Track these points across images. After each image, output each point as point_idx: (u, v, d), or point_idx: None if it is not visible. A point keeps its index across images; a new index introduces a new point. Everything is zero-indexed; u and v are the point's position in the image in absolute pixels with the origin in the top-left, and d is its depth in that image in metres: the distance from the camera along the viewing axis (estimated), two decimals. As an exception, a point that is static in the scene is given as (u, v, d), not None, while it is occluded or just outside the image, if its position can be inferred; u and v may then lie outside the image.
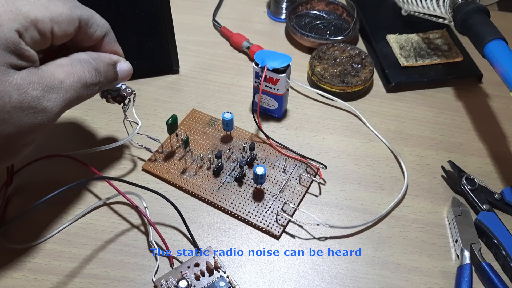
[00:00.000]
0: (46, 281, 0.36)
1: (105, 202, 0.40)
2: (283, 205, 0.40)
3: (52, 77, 0.31)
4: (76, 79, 0.32)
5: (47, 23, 0.30)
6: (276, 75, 0.43)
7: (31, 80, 0.29)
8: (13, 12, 0.28)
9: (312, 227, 0.40)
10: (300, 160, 0.43)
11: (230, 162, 0.43)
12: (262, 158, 0.44)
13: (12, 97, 0.28)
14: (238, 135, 0.46)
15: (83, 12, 0.32)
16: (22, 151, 0.32)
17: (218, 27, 0.58)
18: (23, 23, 0.29)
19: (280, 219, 0.39)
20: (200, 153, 0.44)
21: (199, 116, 0.47)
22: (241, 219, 0.40)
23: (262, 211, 0.40)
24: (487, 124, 0.49)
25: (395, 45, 0.54)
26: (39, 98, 0.30)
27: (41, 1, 0.30)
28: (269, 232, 0.39)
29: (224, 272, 0.36)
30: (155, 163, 0.43)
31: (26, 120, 0.30)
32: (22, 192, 0.41)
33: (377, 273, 0.37)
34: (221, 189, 0.41)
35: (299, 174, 0.42)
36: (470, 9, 0.44)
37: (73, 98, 0.32)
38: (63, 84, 0.31)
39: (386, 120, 0.49)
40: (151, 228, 0.38)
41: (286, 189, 0.42)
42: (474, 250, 0.37)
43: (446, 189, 0.43)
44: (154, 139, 0.43)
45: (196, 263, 0.36)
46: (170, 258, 0.37)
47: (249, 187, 0.42)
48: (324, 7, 0.60)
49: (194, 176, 0.42)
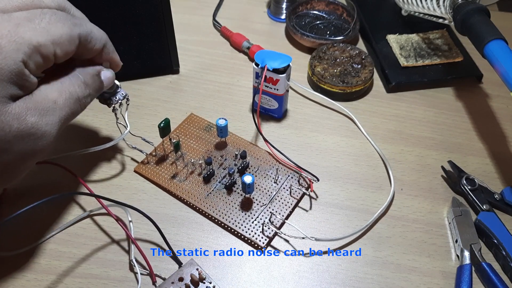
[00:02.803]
0: (46, 281, 0.36)
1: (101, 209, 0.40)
2: (271, 216, 0.40)
3: (46, 99, 0.31)
4: (68, 95, 0.32)
5: (49, 47, 0.30)
6: (276, 75, 0.43)
7: (28, 107, 0.30)
8: (17, 41, 0.28)
9: (297, 240, 0.39)
10: (294, 169, 0.43)
11: (222, 169, 0.43)
12: (255, 167, 0.43)
13: (12, 126, 0.29)
14: (233, 142, 0.45)
15: (81, 29, 0.33)
16: (20, 175, 0.33)
17: (218, 27, 0.58)
18: (27, 51, 0.29)
19: (266, 230, 0.39)
20: (192, 158, 0.43)
21: (196, 120, 0.47)
22: (226, 227, 0.39)
23: (248, 221, 0.39)
24: (487, 124, 0.49)
25: (395, 45, 0.54)
26: (37, 124, 0.30)
27: (42, 24, 0.30)
28: (253, 243, 0.38)
29: (209, 282, 0.35)
30: (147, 166, 0.43)
31: (27, 147, 0.30)
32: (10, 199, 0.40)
33: (377, 273, 0.37)
34: (210, 196, 0.41)
35: (290, 185, 0.42)
36: (470, 9, 0.44)
37: (68, 115, 0.33)
38: (57, 103, 0.32)
39: (386, 120, 0.49)
40: (133, 246, 0.37)
41: (275, 200, 0.41)
42: (474, 250, 0.37)
43: (446, 189, 0.43)
44: (148, 141, 0.43)
45: (180, 277, 0.35)
46: (153, 276, 0.35)
47: (238, 196, 0.41)
48: (324, 7, 0.60)
49: (184, 181, 0.42)
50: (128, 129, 0.41)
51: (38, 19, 0.30)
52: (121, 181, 0.42)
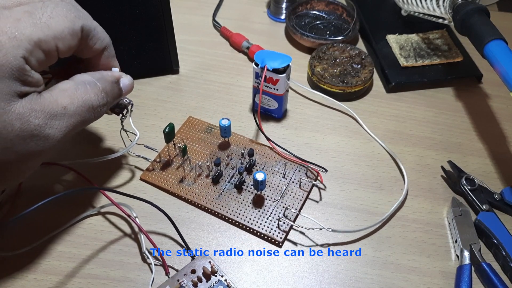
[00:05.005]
0: (46, 281, 0.36)
1: (102, 208, 0.41)
2: (285, 210, 0.40)
3: (55, 104, 0.30)
4: (81, 103, 0.32)
5: (51, 42, 0.30)
6: (276, 75, 0.43)
7: (33, 109, 0.29)
8: (17, 37, 0.28)
9: (315, 232, 0.39)
10: (300, 163, 0.43)
11: (229, 169, 0.43)
12: (262, 164, 0.43)
13: (15, 126, 0.28)
14: (236, 141, 0.45)
15: (85, 23, 0.32)
16: (23, 176, 0.32)
17: (218, 27, 0.58)
18: (28, 47, 0.28)
19: (282, 225, 0.39)
20: (199, 161, 0.43)
21: (195, 123, 0.47)
22: (242, 226, 0.39)
23: (263, 217, 0.39)
24: (487, 124, 0.49)
25: (395, 45, 0.54)
26: (41, 126, 0.30)
27: (43, 19, 0.29)
28: (271, 239, 0.38)
29: (221, 276, 0.35)
30: (152, 173, 0.43)
31: (28, 148, 0.30)
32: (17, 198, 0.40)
33: (377, 273, 0.37)
34: (221, 196, 0.41)
35: (299, 179, 0.42)
36: (470, 9, 0.44)
37: (78, 123, 0.32)
38: (67, 109, 0.31)
39: (386, 120, 0.49)
40: (144, 238, 0.37)
41: (286, 194, 0.41)
42: (474, 250, 0.37)
43: (446, 189, 0.43)
44: (151, 148, 0.43)
45: (192, 269, 0.35)
46: (166, 267, 0.36)
47: (249, 194, 0.41)
48: (324, 7, 0.60)
49: (193, 184, 0.42)
50: (138, 135, 0.39)
51: (39, 13, 0.29)
52: (127, 188, 0.42)
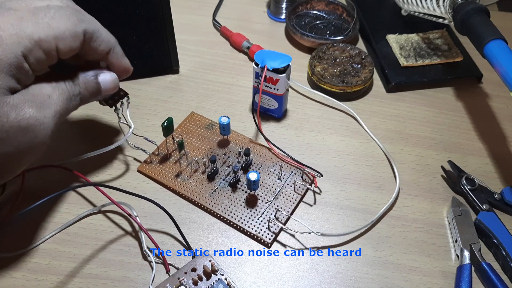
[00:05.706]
0: (46, 281, 0.36)
1: (102, 207, 0.41)
2: (276, 212, 0.40)
3: (41, 93, 0.31)
4: (61, 91, 0.33)
5: (51, 42, 0.30)
6: (276, 75, 0.43)
7: (26, 99, 0.30)
8: (18, 35, 0.29)
9: (304, 236, 0.39)
10: (297, 166, 0.43)
11: (226, 166, 0.43)
12: (258, 164, 0.43)
13: (10, 116, 0.29)
14: (236, 139, 0.45)
15: (88, 26, 0.33)
16: (19, 169, 0.33)
17: (218, 27, 0.58)
18: (27, 45, 0.29)
19: (272, 226, 0.39)
20: (196, 156, 0.44)
21: (197, 119, 0.47)
22: (232, 224, 0.39)
23: (254, 217, 0.39)
24: (487, 124, 0.49)
25: (395, 45, 0.54)
26: (35, 115, 0.30)
27: (45, 19, 0.30)
28: (260, 239, 0.38)
29: (221, 274, 0.35)
30: (150, 165, 0.43)
31: (25, 140, 0.30)
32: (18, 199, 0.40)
33: (377, 273, 0.37)
34: (215, 193, 0.41)
35: (294, 182, 0.42)
36: (470, 9, 0.44)
37: (63, 110, 0.33)
38: (51, 98, 0.32)
39: (386, 120, 0.49)
40: (144, 237, 0.37)
41: (280, 196, 0.41)
42: (474, 250, 0.37)
43: (446, 189, 0.43)
44: (150, 141, 0.43)
45: (192, 268, 0.35)
46: (166, 265, 0.36)
47: (242, 193, 0.41)
48: (324, 7, 0.60)
49: (189, 179, 0.42)
50: (132, 128, 0.41)
51: (42, 13, 0.30)
52: (124, 181, 0.42)
